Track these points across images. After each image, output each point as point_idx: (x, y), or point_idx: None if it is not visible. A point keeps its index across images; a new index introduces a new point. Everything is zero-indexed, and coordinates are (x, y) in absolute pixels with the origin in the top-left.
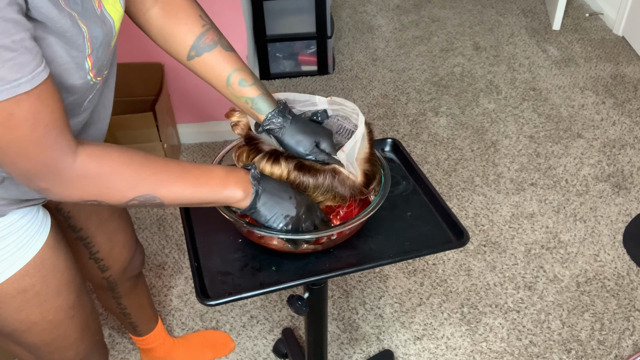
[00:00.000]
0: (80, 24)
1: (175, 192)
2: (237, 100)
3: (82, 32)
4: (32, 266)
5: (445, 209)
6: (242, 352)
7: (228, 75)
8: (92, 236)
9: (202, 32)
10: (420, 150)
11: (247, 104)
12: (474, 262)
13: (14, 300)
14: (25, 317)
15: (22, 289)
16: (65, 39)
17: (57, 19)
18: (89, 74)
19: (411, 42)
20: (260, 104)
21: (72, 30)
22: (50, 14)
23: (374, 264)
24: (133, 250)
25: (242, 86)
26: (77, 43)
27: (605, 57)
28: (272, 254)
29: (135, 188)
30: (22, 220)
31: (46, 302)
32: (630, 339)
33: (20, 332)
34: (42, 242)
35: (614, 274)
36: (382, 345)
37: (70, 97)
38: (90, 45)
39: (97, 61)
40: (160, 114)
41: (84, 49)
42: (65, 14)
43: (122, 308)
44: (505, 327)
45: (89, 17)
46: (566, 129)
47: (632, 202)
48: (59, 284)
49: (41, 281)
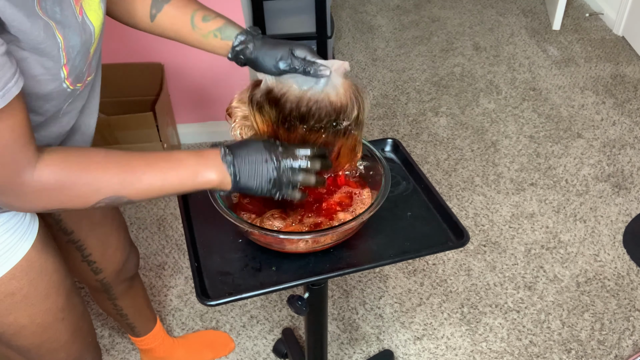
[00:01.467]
0: (57, 34)
1: (142, 189)
2: (206, 39)
3: (57, 42)
4: (19, 269)
5: (446, 209)
6: (242, 352)
7: (190, 16)
8: (84, 239)
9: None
10: (420, 150)
11: (215, 37)
12: (474, 262)
13: (1, 303)
14: (14, 321)
15: (9, 292)
16: (38, 51)
17: (29, 31)
18: (65, 82)
19: (411, 42)
20: (228, 32)
21: (46, 41)
22: (23, 27)
23: (374, 264)
24: (127, 253)
25: (206, 21)
26: (52, 54)
27: (605, 57)
28: (272, 254)
29: (99, 192)
30: (7, 224)
31: (34, 305)
32: (630, 339)
33: (9, 335)
34: (29, 245)
35: (614, 274)
36: (382, 345)
37: (46, 104)
38: (65, 55)
39: (74, 69)
40: (160, 114)
41: (58, 60)
42: (40, 25)
43: (119, 309)
44: (505, 327)
45: (68, 25)
46: (566, 129)
47: (632, 202)
48: (47, 287)
49: (29, 284)
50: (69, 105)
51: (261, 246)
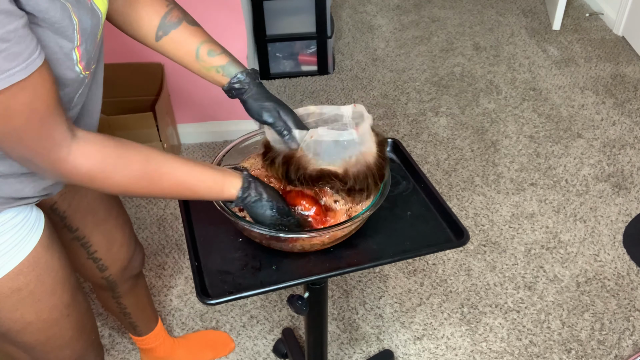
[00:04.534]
0: (73, 15)
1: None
2: (208, 72)
3: (73, 23)
4: (26, 265)
5: (446, 208)
6: (242, 352)
7: (196, 48)
8: (89, 236)
9: (167, 11)
10: (420, 150)
11: (218, 73)
12: (474, 262)
13: (8, 299)
14: (20, 317)
15: (16, 288)
16: (54, 29)
17: (46, 10)
18: (78, 66)
19: (411, 42)
20: (230, 69)
21: (62, 21)
22: (40, 6)
23: (374, 264)
24: (132, 250)
25: (211, 56)
26: (67, 34)
27: (605, 57)
28: (272, 253)
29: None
30: (15, 219)
31: (40, 301)
32: (630, 339)
33: (15, 331)
34: (35, 241)
35: (614, 274)
36: (382, 345)
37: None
38: (79, 36)
39: (86, 53)
40: (160, 114)
41: (73, 40)
42: (57, 5)
43: (122, 308)
44: (505, 327)
45: (82, 7)
46: (566, 129)
47: (632, 202)
48: (54, 283)
49: (35, 280)
50: (79, 97)
51: (261, 245)
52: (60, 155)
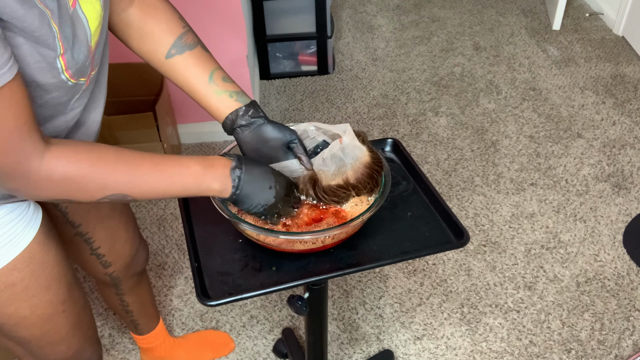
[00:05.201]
0: (52, 23)
1: (147, 191)
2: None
3: (52, 31)
4: (21, 261)
5: (446, 209)
6: (242, 352)
7: (210, 72)
8: (92, 232)
9: (183, 33)
10: (420, 150)
11: (231, 98)
12: (474, 262)
13: (2, 294)
14: (14, 311)
15: (10, 283)
16: (33, 38)
17: (23, 18)
18: (64, 74)
19: (411, 42)
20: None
21: (41, 29)
22: (16, 14)
23: (374, 264)
24: (136, 247)
25: (226, 82)
26: (47, 42)
27: (605, 57)
28: (272, 254)
29: (105, 189)
30: (10, 215)
31: (35, 296)
32: (630, 339)
33: (9, 326)
34: (31, 237)
35: (614, 274)
36: (382, 345)
37: (46, 95)
38: (62, 45)
39: (73, 61)
40: (160, 114)
41: (55, 48)
42: (35, 13)
43: (125, 305)
44: (505, 327)
45: (62, 15)
46: (566, 129)
47: (632, 202)
48: (49, 279)
49: (30, 275)
50: (76, 101)
51: (261, 246)
52: (31, 167)
